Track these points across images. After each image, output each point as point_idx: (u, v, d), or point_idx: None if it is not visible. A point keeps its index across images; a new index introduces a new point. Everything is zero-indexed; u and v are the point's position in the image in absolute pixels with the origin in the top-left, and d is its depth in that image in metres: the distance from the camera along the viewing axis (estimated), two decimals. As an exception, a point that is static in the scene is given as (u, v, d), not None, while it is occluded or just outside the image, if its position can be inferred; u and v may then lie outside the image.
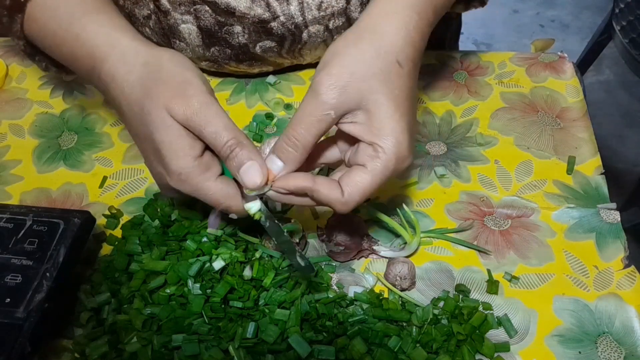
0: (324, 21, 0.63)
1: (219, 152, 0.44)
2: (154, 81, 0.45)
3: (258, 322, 0.48)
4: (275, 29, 0.62)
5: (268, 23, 0.61)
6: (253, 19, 0.60)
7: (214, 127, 0.43)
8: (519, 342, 0.49)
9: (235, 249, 0.53)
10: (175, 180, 0.44)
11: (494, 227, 0.57)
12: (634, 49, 1.26)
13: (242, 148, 0.43)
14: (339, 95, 0.42)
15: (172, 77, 0.45)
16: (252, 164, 0.43)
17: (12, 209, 0.51)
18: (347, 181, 0.43)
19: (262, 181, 0.43)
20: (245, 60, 0.67)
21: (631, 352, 0.48)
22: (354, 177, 0.43)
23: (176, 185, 0.45)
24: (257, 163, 0.43)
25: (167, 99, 0.43)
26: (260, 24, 0.61)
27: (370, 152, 0.43)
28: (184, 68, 0.46)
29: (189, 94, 0.44)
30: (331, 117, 0.42)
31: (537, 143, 0.64)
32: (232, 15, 0.60)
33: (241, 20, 0.61)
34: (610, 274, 0.53)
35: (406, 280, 0.52)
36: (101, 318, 0.50)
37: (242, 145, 0.43)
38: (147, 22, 0.65)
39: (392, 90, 0.43)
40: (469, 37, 2.22)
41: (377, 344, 0.47)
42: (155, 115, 0.44)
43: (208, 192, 0.45)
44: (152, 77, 0.45)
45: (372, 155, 0.43)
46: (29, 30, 0.52)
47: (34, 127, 0.69)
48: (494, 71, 0.72)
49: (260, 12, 0.60)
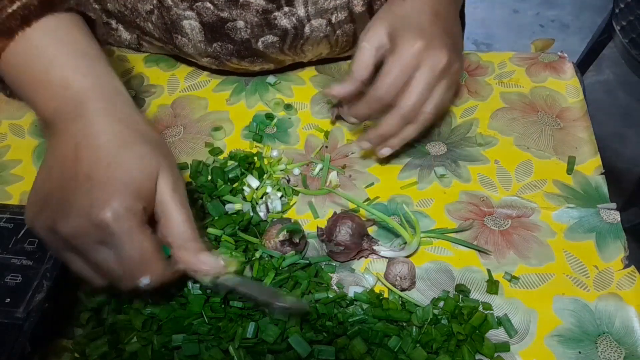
0: (327, 15, 0.63)
1: (174, 241, 0.44)
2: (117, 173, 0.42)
3: (258, 322, 0.48)
4: (278, 20, 0.62)
5: (271, 13, 0.61)
6: (257, 7, 0.60)
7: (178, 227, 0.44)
8: (519, 342, 0.49)
9: (235, 249, 0.53)
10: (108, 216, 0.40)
11: (494, 227, 0.57)
12: (634, 49, 1.26)
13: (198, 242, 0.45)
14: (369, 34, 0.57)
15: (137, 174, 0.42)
16: (207, 254, 0.45)
17: (12, 209, 0.51)
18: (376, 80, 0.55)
19: (222, 269, 0.45)
20: (247, 56, 0.67)
21: (631, 352, 0.48)
22: (379, 74, 0.55)
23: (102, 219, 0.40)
24: (212, 255, 0.45)
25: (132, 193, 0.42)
26: (263, 15, 0.61)
27: (390, 55, 0.55)
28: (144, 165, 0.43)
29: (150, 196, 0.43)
30: (368, 48, 0.56)
31: (537, 143, 0.64)
32: (236, 4, 0.60)
33: (245, 11, 0.61)
34: (610, 274, 0.53)
35: (406, 280, 0.52)
36: (101, 318, 0.50)
37: (197, 241, 0.45)
38: (149, 17, 0.65)
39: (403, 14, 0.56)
40: (469, 37, 2.22)
41: (377, 344, 0.47)
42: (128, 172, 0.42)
43: (139, 239, 0.41)
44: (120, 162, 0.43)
45: (390, 54, 0.55)
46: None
47: (34, 127, 0.69)
48: (494, 71, 0.72)
49: (264, 2, 0.60)
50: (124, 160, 0.42)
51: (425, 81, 0.54)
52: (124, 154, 0.42)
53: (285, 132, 0.67)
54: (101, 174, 0.41)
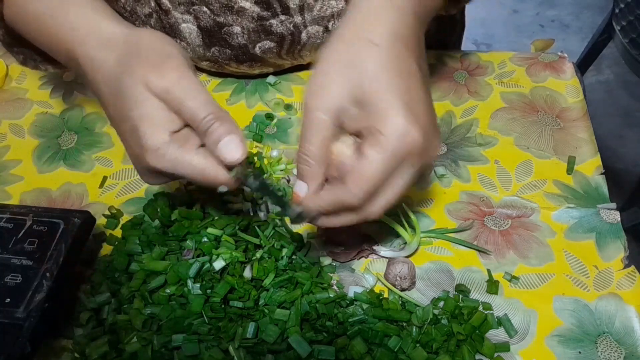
0: (323, 22, 0.63)
1: (197, 127, 0.42)
2: (133, 57, 0.43)
3: (258, 322, 0.48)
4: (274, 27, 0.62)
5: (267, 20, 0.61)
6: (252, 14, 0.60)
7: (193, 101, 0.41)
8: (519, 342, 0.49)
9: (236, 249, 0.53)
10: (154, 157, 0.42)
11: (494, 227, 0.57)
12: (634, 49, 1.26)
13: (222, 123, 0.41)
14: (323, 95, 0.41)
15: (151, 52, 0.43)
16: (231, 137, 0.41)
17: (12, 209, 0.51)
18: (349, 176, 0.40)
19: (242, 156, 0.41)
20: (246, 61, 0.67)
21: (631, 352, 0.48)
22: (355, 169, 0.40)
23: (155, 162, 0.42)
24: (237, 137, 0.41)
25: (145, 72, 0.42)
26: (259, 22, 0.61)
27: (370, 139, 0.40)
28: (164, 43, 0.44)
29: (168, 67, 0.42)
30: (324, 119, 0.40)
31: (537, 143, 0.64)
32: (231, 11, 0.60)
33: (240, 17, 0.61)
34: (610, 274, 0.53)
35: (406, 280, 0.52)
36: (101, 318, 0.50)
37: (222, 120, 0.41)
38: (148, 21, 0.65)
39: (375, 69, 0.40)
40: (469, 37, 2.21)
41: (377, 344, 0.47)
42: (132, 89, 0.42)
43: (190, 163, 0.42)
44: (131, 53, 0.43)
45: (371, 140, 0.40)
46: (11, 15, 0.51)
47: (34, 127, 0.69)
48: (494, 71, 0.72)
49: (259, 9, 0.60)
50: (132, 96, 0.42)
51: (402, 184, 0.42)
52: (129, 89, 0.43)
53: (285, 132, 0.67)
54: (125, 119, 0.43)
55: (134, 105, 0.42)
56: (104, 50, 0.45)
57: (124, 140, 0.46)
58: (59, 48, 0.49)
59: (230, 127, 0.42)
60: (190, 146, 0.43)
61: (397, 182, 0.41)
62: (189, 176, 0.43)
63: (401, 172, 0.41)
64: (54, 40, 0.49)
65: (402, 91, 0.40)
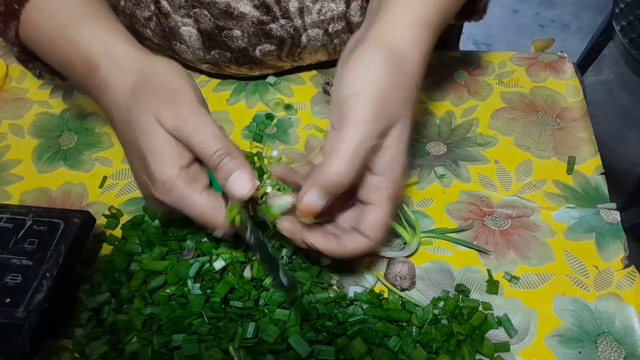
0: (324, 25, 0.63)
1: (208, 162, 0.43)
2: (145, 88, 0.44)
3: (258, 322, 0.48)
4: (274, 31, 0.62)
5: (267, 25, 0.61)
6: (252, 19, 0.60)
7: (203, 136, 0.42)
8: (519, 342, 0.49)
9: (236, 249, 0.53)
10: (160, 190, 0.43)
11: (494, 227, 0.57)
12: (634, 49, 1.26)
13: (232, 158, 0.42)
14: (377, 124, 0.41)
15: (163, 85, 0.44)
16: (240, 172, 0.42)
17: (12, 209, 0.51)
18: (367, 225, 0.44)
19: (251, 191, 0.43)
20: (246, 63, 0.67)
21: (631, 352, 0.48)
22: (371, 219, 0.44)
23: (160, 195, 0.43)
24: (247, 173, 0.42)
25: (157, 106, 0.43)
26: (259, 26, 0.61)
27: (379, 185, 0.43)
28: (176, 76, 0.45)
29: (179, 103, 0.43)
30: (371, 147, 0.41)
31: (537, 143, 0.64)
32: (231, 16, 0.60)
33: (240, 22, 0.61)
34: (610, 274, 0.53)
35: (406, 280, 0.52)
36: (101, 318, 0.50)
37: (232, 155, 0.42)
38: (148, 24, 0.65)
39: (409, 115, 0.43)
40: (469, 37, 2.22)
41: (377, 344, 0.47)
42: (143, 121, 0.43)
43: (192, 203, 0.43)
44: (143, 84, 0.44)
45: (381, 188, 0.43)
46: (25, 34, 0.51)
47: (34, 127, 0.69)
48: (494, 71, 0.72)
49: (259, 13, 0.60)
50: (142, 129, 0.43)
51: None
52: (136, 124, 0.43)
53: (285, 132, 0.67)
54: (135, 148, 0.45)
55: (143, 137, 0.43)
56: (118, 74, 0.45)
57: (132, 166, 0.47)
58: (72, 70, 0.49)
59: (240, 161, 0.43)
60: (197, 185, 0.44)
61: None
62: (188, 215, 0.44)
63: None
64: (66, 62, 0.49)
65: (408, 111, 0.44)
